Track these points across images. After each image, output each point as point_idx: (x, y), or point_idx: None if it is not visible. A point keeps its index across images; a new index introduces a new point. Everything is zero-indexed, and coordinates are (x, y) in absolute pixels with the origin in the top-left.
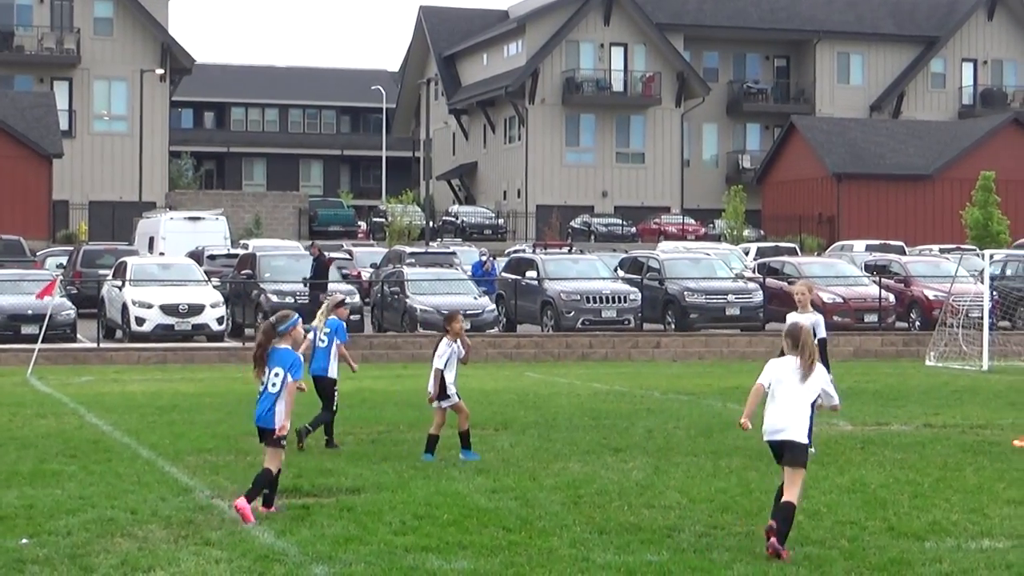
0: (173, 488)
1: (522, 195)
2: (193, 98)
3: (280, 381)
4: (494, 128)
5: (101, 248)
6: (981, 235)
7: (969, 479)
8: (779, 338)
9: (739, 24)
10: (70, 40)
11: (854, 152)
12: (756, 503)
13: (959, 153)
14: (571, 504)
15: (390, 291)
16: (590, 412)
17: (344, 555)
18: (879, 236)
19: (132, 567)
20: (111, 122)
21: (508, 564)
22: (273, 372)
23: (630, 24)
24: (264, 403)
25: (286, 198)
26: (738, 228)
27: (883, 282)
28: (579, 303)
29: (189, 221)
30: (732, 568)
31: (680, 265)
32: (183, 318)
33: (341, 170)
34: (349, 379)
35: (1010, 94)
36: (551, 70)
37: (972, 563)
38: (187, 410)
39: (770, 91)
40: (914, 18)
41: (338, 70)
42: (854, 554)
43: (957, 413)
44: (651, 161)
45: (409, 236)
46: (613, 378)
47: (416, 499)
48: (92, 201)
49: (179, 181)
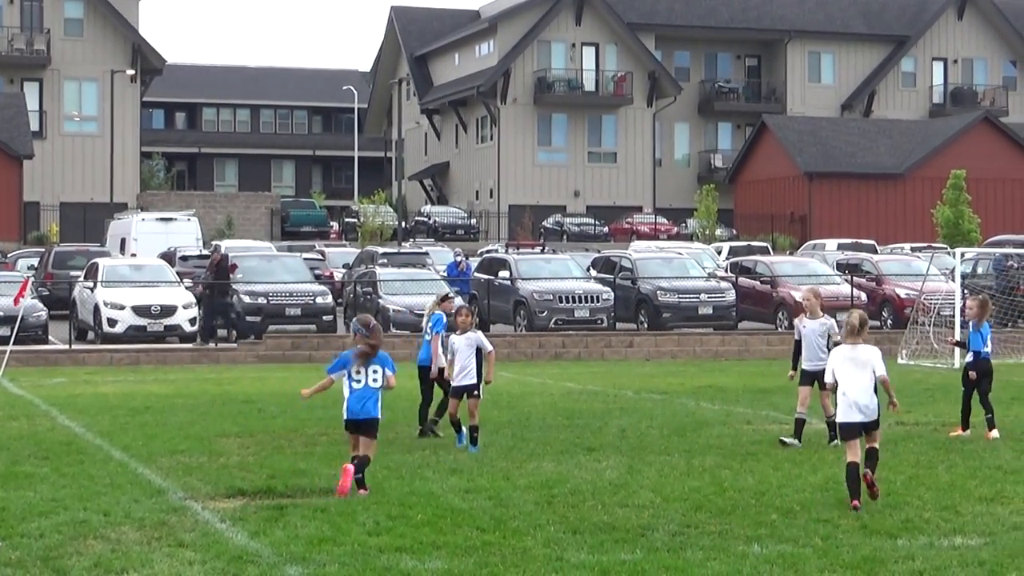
0: (146, 490)
1: (494, 195)
2: (164, 99)
3: (380, 377)
4: (466, 128)
5: (72, 249)
6: (952, 233)
7: (941, 477)
8: (751, 336)
9: (710, 24)
10: (40, 41)
11: (825, 151)
12: (729, 501)
13: (930, 152)
14: (545, 504)
15: (363, 292)
16: (563, 411)
17: (318, 556)
18: (851, 235)
19: (105, 569)
20: (82, 123)
21: (482, 564)
22: (372, 369)
23: (601, 24)
24: (365, 396)
25: (258, 199)
26: (710, 227)
27: (855, 281)
28: (552, 303)
29: (161, 222)
30: (706, 566)
31: (652, 264)
32: (155, 319)
33: (313, 170)
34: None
35: (980, 93)
36: (523, 70)
37: (944, 560)
38: (160, 411)
39: (741, 90)
40: (884, 18)
41: (310, 70)
42: (827, 552)
43: (929, 411)
44: (623, 161)
45: (381, 236)
46: (586, 377)
47: (390, 499)
48: (63, 202)
49: (151, 182)
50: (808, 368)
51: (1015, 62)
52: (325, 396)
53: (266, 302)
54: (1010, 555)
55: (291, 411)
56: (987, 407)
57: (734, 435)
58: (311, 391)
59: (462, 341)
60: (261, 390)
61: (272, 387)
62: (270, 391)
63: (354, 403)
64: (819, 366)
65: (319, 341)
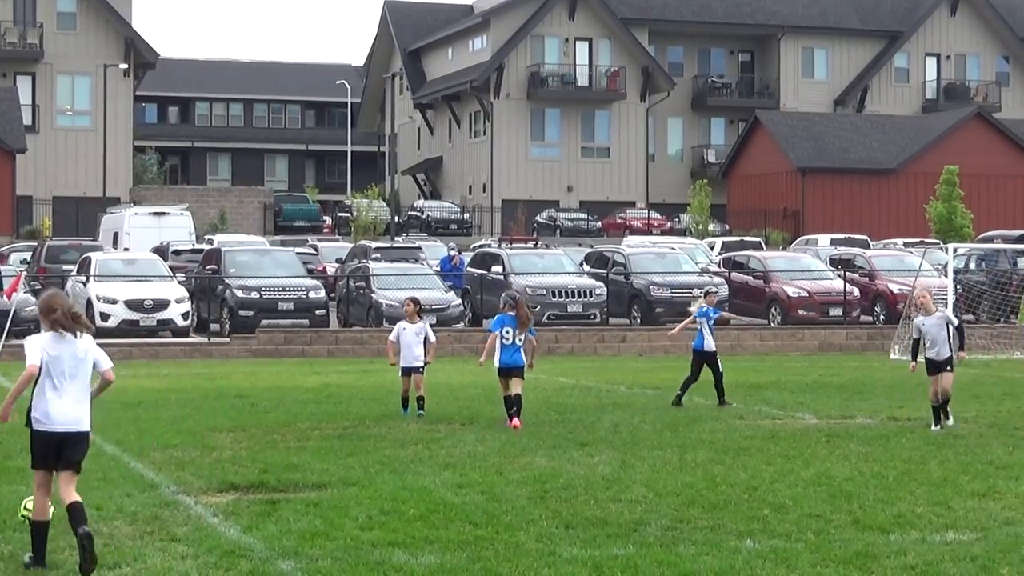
0: (138, 484)
1: (487, 190)
2: (157, 93)
3: (512, 337)
4: (459, 123)
5: (65, 244)
6: (945, 229)
7: (934, 472)
8: (744, 332)
9: (703, 19)
10: (33, 35)
11: (818, 146)
12: (722, 496)
13: (923, 147)
14: (537, 498)
15: (356, 286)
16: (556, 407)
17: (310, 550)
18: (843, 230)
19: (97, 564)
20: (75, 117)
21: (475, 559)
22: (505, 330)
23: (595, 19)
24: (512, 351)
25: (251, 193)
26: (703, 222)
27: (848, 276)
28: (545, 298)
29: (154, 216)
30: (698, 561)
31: (645, 260)
32: (148, 313)
33: (306, 165)
34: (315, 375)
35: (973, 88)
36: (516, 65)
37: (937, 555)
38: (152, 406)
39: (735, 86)
40: (877, 13)
41: (303, 64)
42: (820, 547)
43: (922, 406)
44: (616, 156)
45: (374, 231)
46: (579, 372)
47: (382, 494)
48: (56, 196)
49: (143, 176)
50: (933, 358)
51: (1008, 58)
52: (317, 392)
53: (259, 297)
54: (1002, 550)
55: (284, 406)
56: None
57: (726, 430)
58: (486, 358)
59: (412, 330)
60: (254, 385)
61: (265, 382)
62: (263, 386)
63: (506, 356)
64: (944, 355)
65: (312, 336)
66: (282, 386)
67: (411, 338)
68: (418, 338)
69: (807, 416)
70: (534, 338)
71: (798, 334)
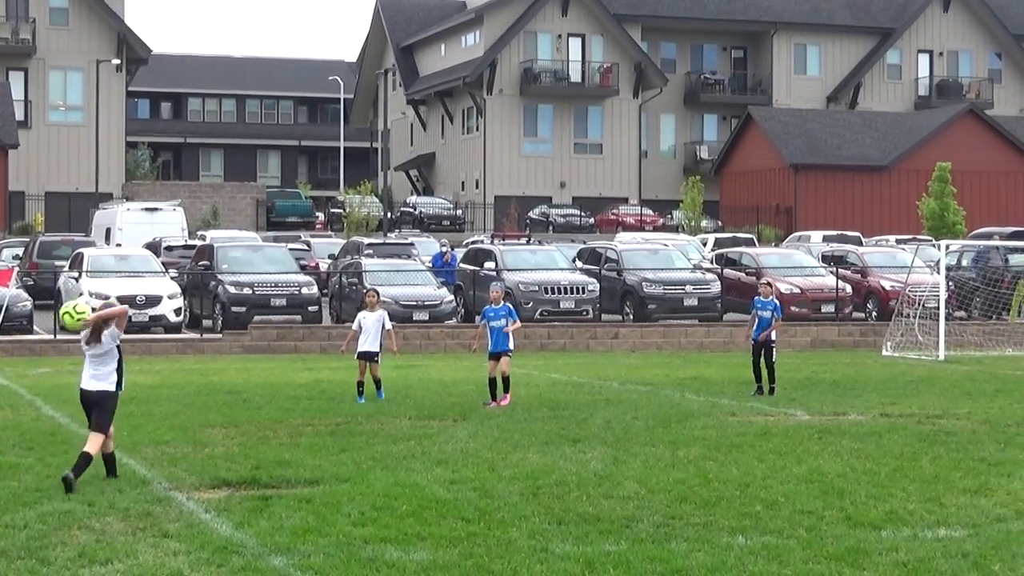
0: (130, 480)
1: (480, 186)
2: (150, 88)
3: (505, 323)
4: (452, 119)
5: (57, 239)
6: (937, 226)
7: (926, 468)
8: (737, 328)
9: (696, 15)
10: (25, 30)
11: (811, 143)
12: (714, 493)
13: (915, 144)
14: (530, 495)
15: (348, 282)
16: (548, 403)
17: (303, 546)
18: (836, 227)
19: (89, 560)
20: (67, 112)
21: (467, 555)
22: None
23: (588, 15)
24: (499, 335)
25: (244, 189)
26: (696, 219)
27: (840, 272)
28: (537, 294)
29: (146, 212)
30: (691, 558)
31: (638, 256)
32: (140, 309)
33: (299, 161)
34: (308, 371)
35: (966, 85)
36: (509, 61)
37: (928, 552)
38: (144, 402)
39: (727, 82)
40: (870, 10)
41: (295, 60)
42: (812, 543)
43: (914, 403)
44: (609, 152)
45: (367, 227)
46: (571, 368)
47: (375, 490)
48: (48, 192)
49: (136, 172)
50: None
51: (1000, 54)
52: (309, 388)
53: (251, 292)
54: (994, 547)
55: (276, 402)
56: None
57: (719, 427)
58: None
59: (371, 318)
60: (246, 381)
61: (257, 378)
62: (255, 382)
63: (497, 341)
64: None
65: (304, 332)
66: (274, 382)
67: (370, 326)
68: (377, 326)
69: (799, 413)
70: (516, 320)
71: (790, 330)
